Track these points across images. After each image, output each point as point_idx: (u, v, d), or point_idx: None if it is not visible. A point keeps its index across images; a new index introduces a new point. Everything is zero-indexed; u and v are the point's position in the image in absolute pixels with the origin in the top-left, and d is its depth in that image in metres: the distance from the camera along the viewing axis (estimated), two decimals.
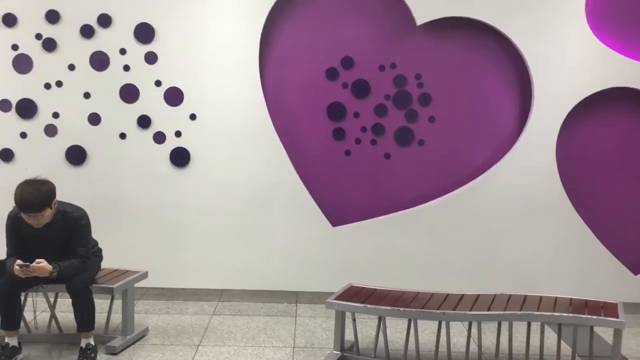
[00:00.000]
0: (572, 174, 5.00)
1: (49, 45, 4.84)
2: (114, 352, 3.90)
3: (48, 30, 4.83)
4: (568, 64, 4.82)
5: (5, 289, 3.67)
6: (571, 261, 5.01)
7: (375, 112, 4.98)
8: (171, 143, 4.96)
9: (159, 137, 4.95)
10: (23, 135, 4.93)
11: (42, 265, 3.53)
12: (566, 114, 4.85)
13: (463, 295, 3.91)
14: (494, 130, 5.01)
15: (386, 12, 4.90)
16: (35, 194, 3.49)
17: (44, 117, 4.92)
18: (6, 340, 3.72)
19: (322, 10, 4.91)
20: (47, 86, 4.88)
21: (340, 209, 5.11)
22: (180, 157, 4.97)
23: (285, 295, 5.16)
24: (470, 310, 3.60)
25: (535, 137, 4.89)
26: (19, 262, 3.54)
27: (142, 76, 4.88)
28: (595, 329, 3.71)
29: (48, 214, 3.59)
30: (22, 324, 3.88)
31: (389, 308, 3.65)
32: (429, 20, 4.82)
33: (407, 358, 3.81)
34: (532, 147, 4.90)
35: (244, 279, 5.14)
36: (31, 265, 3.52)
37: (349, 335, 4.08)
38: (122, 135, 4.95)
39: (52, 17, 4.81)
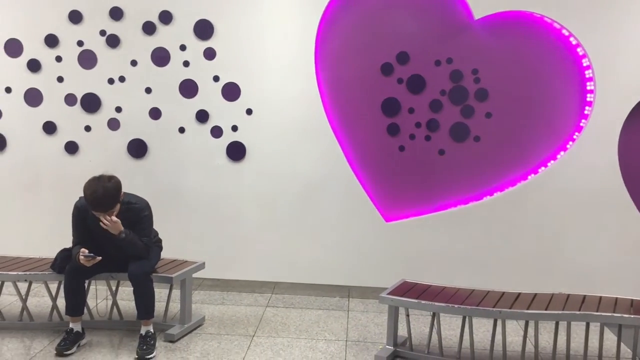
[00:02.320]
0: (634, 171, 4.83)
1: (113, 41, 5.01)
2: (172, 339, 4.01)
3: (112, 27, 4.99)
4: (630, 58, 4.66)
5: (71, 276, 3.83)
6: (632, 261, 4.85)
7: (430, 107, 4.94)
8: (228, 137, 5.06)
9: (216, 132, 5.06)
10: (87, 128, 5.12)
11: (117, 221, 3.68)
12: (629, 110, 4.70)
13: (520, 293, 3.85)
14: (553, 126, 4.89)
15: (443, 7, 4.85)
16: (106, 194, 3.62)
17: (107, 111, 5.10)
18: (70, 325, 3.88)
19: (378, 5, 4.89)
20: (111, 81, 5.05)
21: (393, 204, 5.10)
22: (236, 151, 5.06)
23: (337, 289, 5.19)
24: (527, 309, 3.55)
25: (596, 134, 4.75)
26: (84, 251, 3.69)
27: (201, 72, 5.00)
28: None
29: (117, 208, 3.73)
30: (85, 310, 4.02)
31: (443, 304, 3.63)
32: (487, 14, 4.75)
33: (461, 356, 3.79)
34: (592, 143, 4.76)
35: (297, 272, 5.20)
36: (96, 257, 3.67)
37: (401, 331, 4.08)
38: (181, 130, 5.07)
39: (116, 14, 4.97)
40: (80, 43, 5.04)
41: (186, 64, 4.99)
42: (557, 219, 4.88)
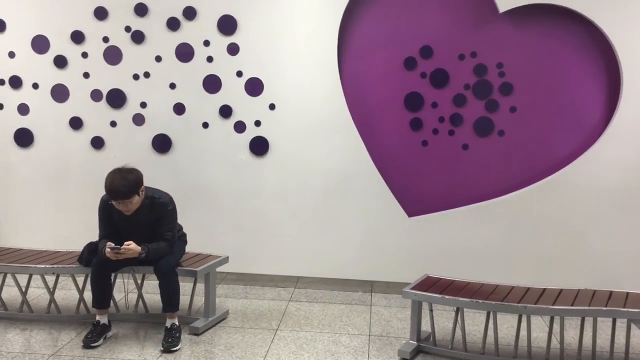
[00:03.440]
0: None
1: (138, 37, 5.05)
2: (196, 332, 4.05)
3: (136, 23, 5.04)
4: None
5: (97, 270, 3.88)
6: None
7: (453, 102, 4.91)
8: (251, 132, 5.08)
9: (240, 127, 5.08)
10: (113, 124, 5.18)
11: (131, 247, 3.72)
12: None
13: (545, 289, 3.82)
14: (579, 120, 4.83)
15: (467, 0, 4.81)
16: (123, 183, 3.66)
17: (132, 106, 5.15)
18: (97, 318, 3.93)
19: None
20: (136, 77, 5.10)
21: (416, 199, 5.08)
22: (259, 146, 5.08)
23: (360, 284, 5.19)
24: (553, 304, 3.52)
25: (623, 128, 4.68)
26: (110, 244, 3.73)
27: (224, 67, 5.02)
28: None
29: (136, 200, 3.76)
30: (111, 303, 4.08)
31: (467, 300, 3.61)
32: (512, 8, 4.70)
33: (485, 351, 3.77)
34: (619, 138, 4.69)
35: (320, 267, 5.20)
36: (121, 247, 3.71)
37: (424, 326, 4.06)
38: (205, 125, 5.11)
39: (141, 10, 5.01)
40: (105, 39, 5.09)
41: (210, 59, 5.02)
42: (583, 214, 4.82)
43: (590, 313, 3.48)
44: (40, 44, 5.15)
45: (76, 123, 5.20)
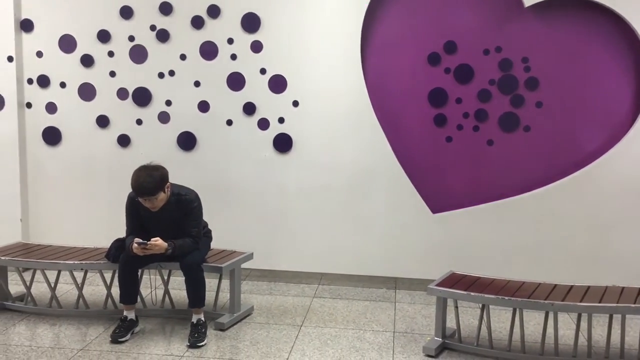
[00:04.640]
0: None
1: (163, 36, 5.10)
2: (222, 328, 4.09)
3: (161, 22, 5.09)
4: None
5: (125, 266, 3.93)
6: None
7: (478, 97, 4.87)
8: (275, 129, 5.10)
9: (263, 124, 5.10)
10: (139, 122, 5.24)
11: (158, 243, 3.76)
12: None
13: (572, 286, 3.77)
14: (606, 116, 4.76)
15: None
16: (149, 180, 3.70)
17: (157, 104, 5.20)
18: (125, 313, 3.99)
19: None
20: (161, 75, 5.15)
21: (440, 195, 5.05)
22: (283, 143, 5.10)
23: (384, 281, 5.19)
24: (580, 301, 3.48)
25: None
26: (137, 240, 3.78)
27: (248, 65, 5.04)
28: None
29: (162, 197, 3.80)
30: (138, 298, 4.13)
31: (493, 296, 3.59)
32: (538, 2, 4.65)
33: (512, 348, 3.74)
34: None
35: (344, 264, 5.20)
36: (148, 243, 3.75)
37: (449, 323, 4.04)
38: (229, 122, 5.14)
39: (166, 9, 5.06)
40: (131, 38, 5.15)
41: (233, 57, 5.05)
42: (610, 211, 4.76)
43: (618, 310, 3.44)
44: (67, 44, 5.23)
45: (103, 121, 5.27)
